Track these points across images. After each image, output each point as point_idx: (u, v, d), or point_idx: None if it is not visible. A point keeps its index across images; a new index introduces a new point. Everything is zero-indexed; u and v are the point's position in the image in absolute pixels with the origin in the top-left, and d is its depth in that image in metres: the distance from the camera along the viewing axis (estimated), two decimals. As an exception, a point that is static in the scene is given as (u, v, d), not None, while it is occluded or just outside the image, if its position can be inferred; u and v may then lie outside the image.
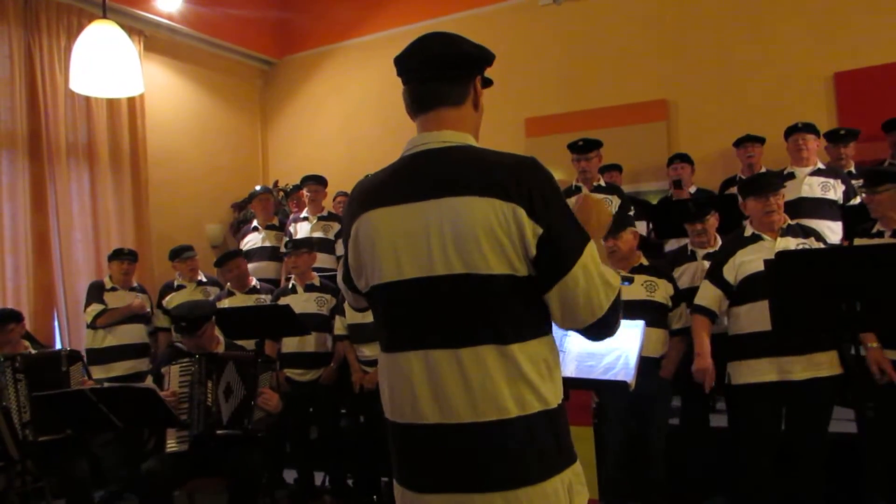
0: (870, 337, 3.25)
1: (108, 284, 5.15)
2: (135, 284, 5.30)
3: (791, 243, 3.35)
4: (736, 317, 3.43)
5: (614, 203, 4.91)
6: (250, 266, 5.40)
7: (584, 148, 4.88)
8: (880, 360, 3.18)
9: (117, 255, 5.21)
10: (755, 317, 3.29)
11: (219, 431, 3.41)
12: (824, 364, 3.24)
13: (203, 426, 3.40)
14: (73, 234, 5.97)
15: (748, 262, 3.35)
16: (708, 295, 3.46)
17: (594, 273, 1.41)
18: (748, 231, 3.47)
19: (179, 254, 5.45)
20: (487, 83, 1.61)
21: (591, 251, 1.42)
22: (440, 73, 1.51)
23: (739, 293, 3.38)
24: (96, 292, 5.08)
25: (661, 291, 3.73)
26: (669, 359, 3.74)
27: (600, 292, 1.41)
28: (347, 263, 1.61)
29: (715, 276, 3.46)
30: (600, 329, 1.45)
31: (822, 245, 3.42)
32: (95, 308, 4.99)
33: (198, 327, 3.59)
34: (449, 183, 1.41)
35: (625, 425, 3.66)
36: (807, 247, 3.34)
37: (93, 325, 4.98)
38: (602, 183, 4.98)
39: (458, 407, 1.39)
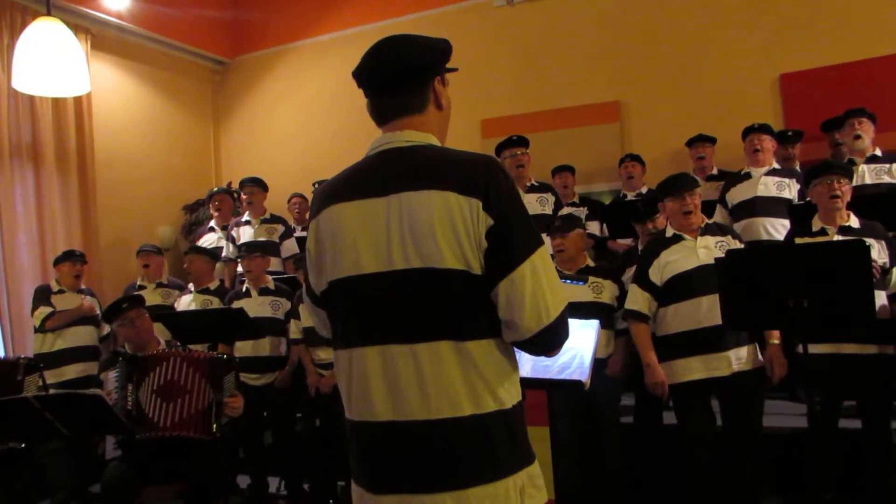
0: (773, 334, 3.37)
1: (56, 287, 5.02)
2: (83, 287, 5.18)
3: (710, 241, 3.41)
4: (662, 317, 3.45)
5: (549, 202, 4.99)
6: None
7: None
8: (774, 356, 3.33)
9: (68, 256, 5.08)
10: (682, 316, 3.35)
11: (137, 436, 3.29)
12: (746, 358, 3.32)
13: (124, 430, 3.28)
14: (17, 237, 5.79)
15: (673, 262, 3.39)
16: (638, 299, 3.48)
17: (544, 277, 1.37)
18: (669, 232, 3.51)
19: (143, 249, 5.38)
20: (451, 70, 1.61)
21: (545, 256, 1.40)
22: (395, 87, 1.51)
23: (665, 294, 3.41)
24: (43, 296, 4.95)
25: (608, 293, 3.81)
26: (616, 358, 3.79)
27: (548, 298, 1.37)
28: (309, 276, 1.59)
29: (641, 279, 3.48)
30: (545, 341, 1.40)
31: (738, 242, 3.50)
32: (43, 311, 4.85)
33: (119, 313, 3.54)
34: (408, 178, 1.42)
35: (573, 424, 3.69)
36: (725, 245, 3.39)
37: (42, 329, 4.83)
38: (534, 182, 5.06)
39: (412, 404, 1.38)
